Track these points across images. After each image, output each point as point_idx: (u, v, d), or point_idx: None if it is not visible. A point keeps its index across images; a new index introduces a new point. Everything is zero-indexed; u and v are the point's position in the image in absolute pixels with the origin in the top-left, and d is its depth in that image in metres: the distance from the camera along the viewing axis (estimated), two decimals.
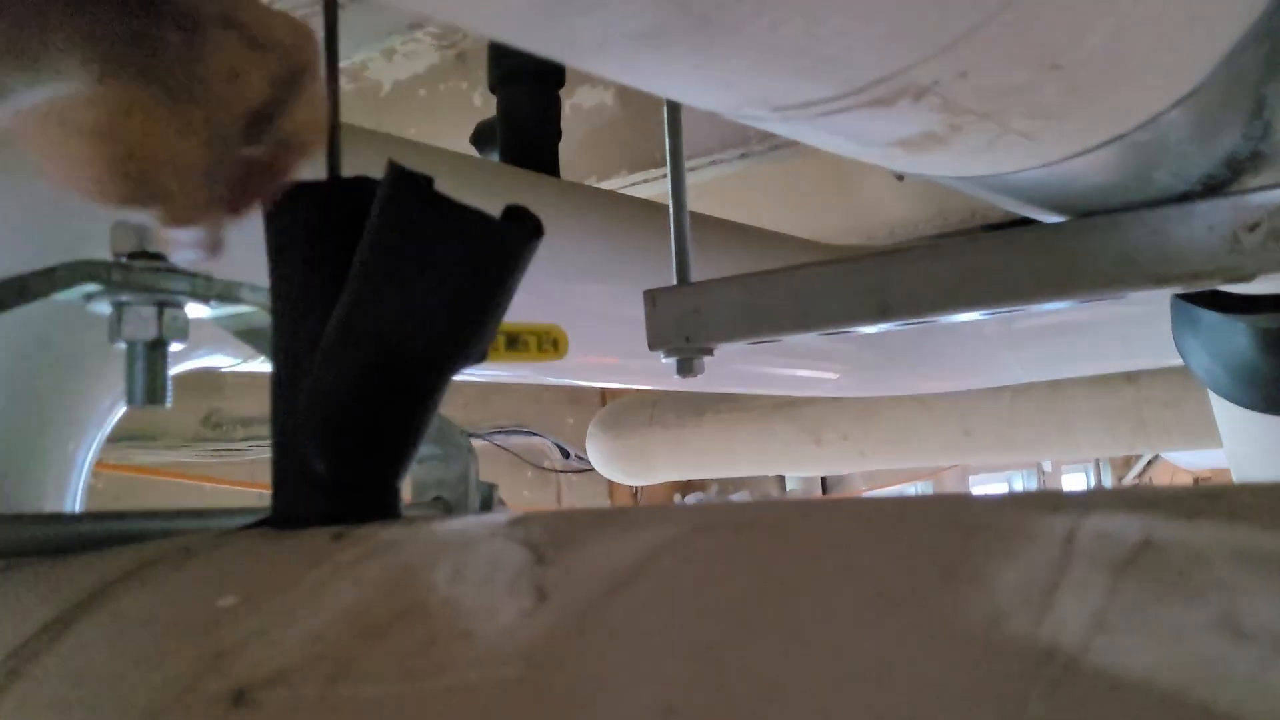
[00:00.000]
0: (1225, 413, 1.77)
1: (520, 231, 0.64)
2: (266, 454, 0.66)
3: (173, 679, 0.46)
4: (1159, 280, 0.92)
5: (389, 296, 0.62)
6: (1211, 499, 0.35)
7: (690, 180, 1.33)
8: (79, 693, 0.51)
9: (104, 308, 0.77)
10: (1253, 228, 0.85)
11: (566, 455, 5.06)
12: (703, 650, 0.36)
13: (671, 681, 0.35)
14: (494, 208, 0.64)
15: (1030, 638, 0.31)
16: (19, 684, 0.52)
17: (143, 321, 0.78)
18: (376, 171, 0.63)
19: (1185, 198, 0.91)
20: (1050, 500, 0.38)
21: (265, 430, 0.66)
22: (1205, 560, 0.32)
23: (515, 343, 0.78)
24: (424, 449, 0.92)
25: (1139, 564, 0.32)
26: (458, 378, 0.66)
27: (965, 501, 0.41)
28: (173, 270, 0.79)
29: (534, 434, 4.98)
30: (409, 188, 0.62)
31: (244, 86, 0.60)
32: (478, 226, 0.63)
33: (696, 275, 1.25)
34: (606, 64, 0.54)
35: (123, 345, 0.80)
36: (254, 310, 0.83)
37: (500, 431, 4.85)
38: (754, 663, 0.34)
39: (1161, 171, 0.86)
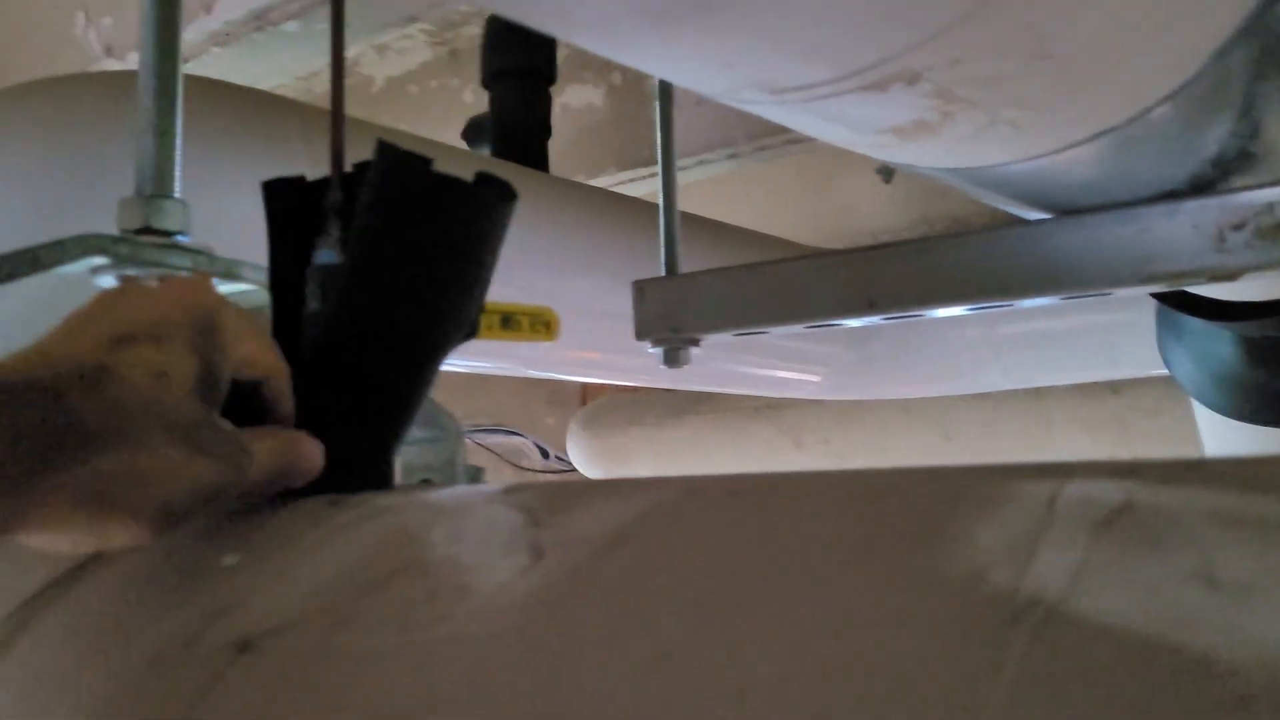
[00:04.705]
0: (1208, 422, 1.76)
1: (495, 193, 0.66)
2: None
3: (178, 630, 0.47)
4: (1143, 279, 0.93)
5: (380, 267, 0.64)
6: (1192, 467, 0.37)
7: (678, 180, 1.33)
8: (87, 643, 0.52)
9: (109, 280, 0.78)
10: (1238, 227, 0.85)
11: (546, 455, 5.04)
12: (695, 602, 0.37)
13: (666, 631, 0.36)
14: None
15: (1012, 589, 0.32)
16: (26, 635, 0.53)
17: None
18: None
19: (1171, 196, 0.91)
20: (1033, 468, 0.39)
21: None
22: (1183, 520, 0.33)
23: (509, 322, 0.79)
24: (412, 431, 0.93)
25: (1119, 524, 0.33)
26: (443, 368, 0.68)
27: (949, 470, 0.42)
28: (176, 246, 0.80)
29: (514, 433, 4.95)
30: (393, 161, 0.64)
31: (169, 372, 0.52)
32: (454, 191, 0.65)
33: (684, 272, 1.26)
34: (609, 41, 0.55)
35: None
36: (255, 289, 0.84)
37: (481, 430, 4.84)
38: (746, 613, 0.35)
39: (1148, 169, 0.87)
